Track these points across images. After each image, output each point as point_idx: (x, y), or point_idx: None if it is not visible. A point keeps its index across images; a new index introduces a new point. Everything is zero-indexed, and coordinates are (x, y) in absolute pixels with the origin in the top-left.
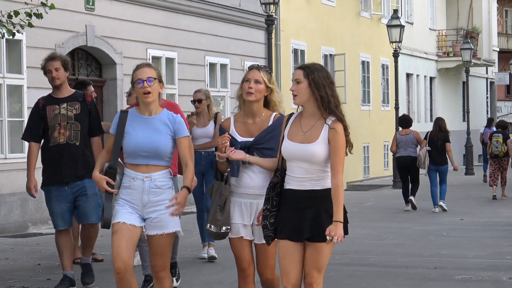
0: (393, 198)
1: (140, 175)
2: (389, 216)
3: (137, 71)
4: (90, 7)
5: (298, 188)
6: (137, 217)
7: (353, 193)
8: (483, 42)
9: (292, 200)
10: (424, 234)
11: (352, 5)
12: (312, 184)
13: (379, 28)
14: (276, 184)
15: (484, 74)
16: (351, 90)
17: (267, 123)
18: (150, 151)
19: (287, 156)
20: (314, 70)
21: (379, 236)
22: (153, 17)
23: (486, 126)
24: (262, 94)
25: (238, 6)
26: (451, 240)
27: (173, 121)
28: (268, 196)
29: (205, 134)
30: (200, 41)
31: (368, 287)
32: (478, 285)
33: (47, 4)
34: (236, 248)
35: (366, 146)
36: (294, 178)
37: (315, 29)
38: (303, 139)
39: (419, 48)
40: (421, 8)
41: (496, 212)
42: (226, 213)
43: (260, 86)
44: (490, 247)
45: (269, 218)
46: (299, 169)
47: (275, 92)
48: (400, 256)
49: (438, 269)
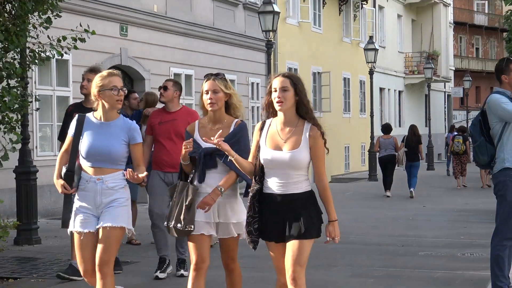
0: (369, 189)
1: (93, 177)
2: (365, 204)
3: (112, 77)
4: (124, 33)
5: (280, 193)
6: (92, 221)
7: (336, 184)
8: (441, 63)
9: (273, 204)
10: (394, 218)
11: (336, 32)
12: (292, 188)
13: (357, 51)
14: (258, 191)
15: (443, 89)
16: (334, 101)
17: (229, 129)
18: (104, 155)
19: (269, 164)
20: (298, 80)
21: (357, 219)
22: (175, 42)
23: (449, 132)
24: (222, 101)
25: (244, 33)
26: (415, 223)
27: (128, 127)
28: (251, 203)
29: None
30: (213, 61)
31: (349, 260)
32: (437, 259)
33: (89, 30)
34: (195, 244)
35: (347, 146)
36: (275, 183)
37: (306, 52)
38: (285, 147)
39: (390, 67)
40: (391, 35)
41: (452, 201)
42: (192, 212)
43: (219, 95)
44: (447, 229)
45: (253, 224)
46: (280, 175)
47: (234, 96)
48: (374, 236)
49: (405, 246)
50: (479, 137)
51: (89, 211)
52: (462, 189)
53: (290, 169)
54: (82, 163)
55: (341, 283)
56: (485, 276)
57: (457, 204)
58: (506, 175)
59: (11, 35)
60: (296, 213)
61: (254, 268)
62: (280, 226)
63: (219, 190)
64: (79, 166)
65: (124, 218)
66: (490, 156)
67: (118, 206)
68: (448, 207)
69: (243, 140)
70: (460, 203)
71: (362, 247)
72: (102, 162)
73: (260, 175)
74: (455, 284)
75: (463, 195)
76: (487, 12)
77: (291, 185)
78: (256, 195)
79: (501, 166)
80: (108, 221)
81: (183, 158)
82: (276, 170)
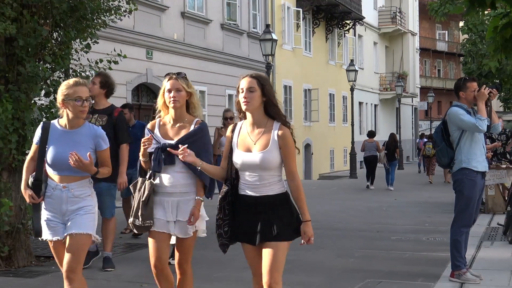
0: (350, 185)
1: (59, 185)
2: (347, 197)
3: (77, 87)
4: (150, 57)
5: (253, 195)
6: (59, 228)
7: (323, 181)
8: (409, 81)
9: (246, 206)
10: (371, 209)
11: (323, 56)
12: (266, 190)
13: (340, 71)
14: (227, 193)
15: (410, 103)
16: (322, 113)
17: (189, 127)
18: (69, 163)
19: (241, 166)
20: (265, 80)
21: (340, 210)
22: (191, 63)
23: (420, 138)
24: (184, 99)
25: (248, 57)
26: (388, 213)
27: (94, 135)
28: (221, 206)
29: None
30: (222, 80)
31: (333, 243)
32: (406, 243)
33: (121, 54)
34: (154, 243)
35: (332, 150)
36: (248, 185)
37: (298, 72)
38: (255, 148)
39: (367, 85)
40: (368, 58)
41: (418, 194)
42: (149, 209)
43: (181, 93)
44: (414, 217)
45: (223, 226)
46: (253, 177)
47: (194, 95)
48: (355, 223)
49: (380, 232)
50: (441, 142)
51: (56, 218)
52: (428, 185)
53: (261, 170)
54: (48, 171)
55: (327, 262)
56: (446, 256)
57: (423, 197)
58: (463, 174)
59: (57, 58)
60: (270, 215)
61: None
62: (254, 228)
63: (200, 200)
64: (45, 173)
65: (90, 226)
66: (450, 158)
67: (84, 214)
68: (416, 200)
69: (202, 140)
70: (425, 196)
71: (344, 233)
72: (68, 170)
73: (234, 177)
74: (421, 263)
75: (428, 190)
76: (447, 40)
77: (264, 187)
78: (227, 197)
79: (459, 166)
80: (73, 228)
81: (142, 155)
82: (248, 172)
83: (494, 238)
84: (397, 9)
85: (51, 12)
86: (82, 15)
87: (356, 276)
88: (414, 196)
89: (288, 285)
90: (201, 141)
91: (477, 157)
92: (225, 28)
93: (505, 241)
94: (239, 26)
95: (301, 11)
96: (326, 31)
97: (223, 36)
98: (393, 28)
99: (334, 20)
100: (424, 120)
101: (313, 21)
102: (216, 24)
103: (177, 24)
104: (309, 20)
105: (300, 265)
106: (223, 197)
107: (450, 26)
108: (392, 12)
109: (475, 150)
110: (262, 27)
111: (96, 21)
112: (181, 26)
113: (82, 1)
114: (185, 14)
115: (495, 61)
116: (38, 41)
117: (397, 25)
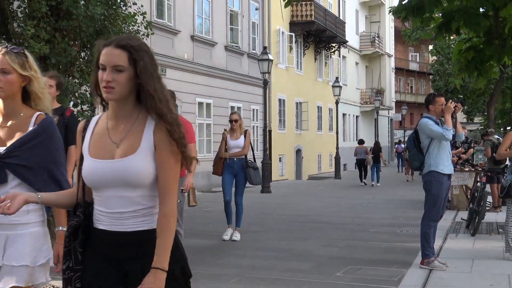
0: (335, 185)
1: None
2: (332, 194)
3: None
4: (163, 73)
5: (115, 230)
6: None
7: (312, 181)
8: (386, 96)
9: (105, 247)
10: (352, 205)
11: (312, 74)
12: (136, 222)
13: (327, 87)
14: (78, 229)
15: (387, 114)
16: (311, 123)
17: (27, 126)
18: None
19: (93, 182)
20: (143, 54)
21: (326, 206)
22: (199, 79)
23: (397, 144)
24: (15, 86)
25: (247, 74)
26: (368, 209)
27: None
28: (69, 248)
29: (237, 145)
30: (226, 94)
31: (320, 234)
32: (382, 235)
33: None
34: None
35: (319, 154)
36: (107, 214)
37: (291, 88)
38: (116, 153)
39: (350, 99)
40: (351, 76)
41: (394, 193)
42: None
43: (9, 77)
44: (390, 213)
45: (74, 281)
46: (114, 200)
47: (35, 80)
48: (338, 217)
49: (360, 225)
50: (413, 148)
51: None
52: (401, 184)
53: (126, 188)
54: None
55: (314, 251)
56: (417, 247)
57: (397, 196)
58: (432, 176)
59: (84, 74)
60: (144, 264)
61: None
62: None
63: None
64: None
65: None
66: (420, 162)
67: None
68: (391, 198)
69: (47, 145)
70: (400, 194)
71: (329, 225)
72: None
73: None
74: (396, 252)
75: (402, 189)
76: (418, 61)
77: (135, 218)
78: (79, 235)
79: (428, 169)
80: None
81: None
82: (108, 191)
83: (458, 231)
84: (376, 34)
85: (79, 35)
86: (106, 38)
87: (339, 263)
88: (390, 195)
89: (281, 271)
90: (44, 146)
91: (444, 161)
92: (229, 49)
93: (468, 233)
94: (240, 47)
95: (293, 36)
96: (315, 52)
97: (226, 56)
98: (372, 51)
99: (322, 43)
100: (398, 129)
101: (304, 44)
102: (221, 46)
103: (187, 45)
104: (301, 43)
105: (292, 254)
106: (71, 234)
107: (421, 49)
108: (371, 36)
109: (442, 155)
110: (260, 49)
111: None
112: (191, 47)
113: (106, 26)
114: (194, 37)
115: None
116: (68, 59)
117: (376, 48)
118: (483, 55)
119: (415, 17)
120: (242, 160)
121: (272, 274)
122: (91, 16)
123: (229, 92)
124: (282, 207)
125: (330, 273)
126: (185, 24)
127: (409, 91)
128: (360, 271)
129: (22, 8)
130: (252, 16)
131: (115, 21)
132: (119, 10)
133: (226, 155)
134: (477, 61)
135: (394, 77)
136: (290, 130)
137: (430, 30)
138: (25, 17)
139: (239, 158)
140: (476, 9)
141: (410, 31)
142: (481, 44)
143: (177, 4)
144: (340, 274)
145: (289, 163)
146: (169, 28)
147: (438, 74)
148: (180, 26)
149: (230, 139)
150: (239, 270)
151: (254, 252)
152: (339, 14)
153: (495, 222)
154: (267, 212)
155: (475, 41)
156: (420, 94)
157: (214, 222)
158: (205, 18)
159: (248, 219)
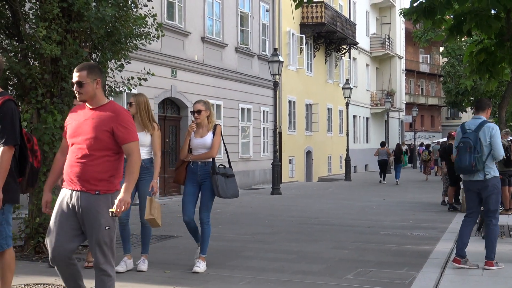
0: (345, 187)
1: None
2: (342, 196)
3: None
4: (174, 75)
5: None
6: None
7: (322, 183)
8: (397, 98)
9: None
10: (362, 207)
11: (322, 76)
12: None
13: (337, 89)
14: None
15: (397, 116)
16: (321, 124)
17: None
18: None
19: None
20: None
21: (336, 208)
22: (209, 81)
23: (420, 146)
24: None
25: (258, 75)
26: (378, 211)
27: None
28: None
29: (202, 144)
30: (236, 95)
31: (330, 236)
32: (393, 237)
33: (150, 73)
34: None
35: (330, 156)
36: None
37: (301, 89)
38: None
39: (360, 101)
40: (361, 78)
41: (403, 195)
42: None
43: None
44: (400, 215)
45: None
46: None
47: None
48: (348, 220)
49: (371, 228)
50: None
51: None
52: (412, 187)
53: None
54: None
55: (324, 253)
56: (428, 249)
57: (407, 198)
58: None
59: None
60: None
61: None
62: None
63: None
64: None
65: None
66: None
67: None
68: (401, 200)
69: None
70: (410, 197)
71: (340, 228)
72: None
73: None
74: (406, 254)
75: (412, 192)
76: (429, 63)
77: None
78: None
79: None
80: None
81: None
82: None
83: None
84: (386, 35)
85: (90, 37)
86: (117, 40)
87: (350, 265)
88: (400, 197)
89: (291, 273)
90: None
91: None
92: (239, 51)
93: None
94: (250, 49)
95: (304, 37)
96: (325, 54)
97: (237, 58)
98: (382, 52)
99: (332, 45)
100: (409, 131)
101: (314, 46)
102: (231, 47)
103: (197, 47)
104: (311, 45)
105: (302, 256)
106: None
107: (432, 50)
108: (382, 38)
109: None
110: (270, 51)
111: (128, 45)
112: (201, 49)
113: (117, 27)
114: (204, 38)
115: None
116: (79, 61)
117: (386, 49)
118: (495, 57)
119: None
120: (209, 164)
121: (282, 276)
122: (102, 17)
123: (239, 94)
124: (292, 209)
125: (340, 276)
126: (195, 25)
127: (420, 93)
128: (371, 273)
129: (34, 10)
130: (263, 18)
131: (126, 22)
132: (130, 11)
133: (188, 158)
134: (488, 63)
135: (404, 79)
136: (300, 132)
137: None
138: (37, 18)
139: (204, 162)
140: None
141: (421, 33)
142: (493, 46)
143: (188, 5)
144: (350, 277)
145: (299, 164)
146: (180, 30)
147: (449, 76)
148: (190, 27)
149: (194, 136)
150: (249, 272)
151: (264, 254)
152: (349, 15)
153: (507, 225)
154: (276, 214)
155: (487, 43)
156: (431, 96)
157: (223, 224)
158: (215, 19)
159: (257, 221)
